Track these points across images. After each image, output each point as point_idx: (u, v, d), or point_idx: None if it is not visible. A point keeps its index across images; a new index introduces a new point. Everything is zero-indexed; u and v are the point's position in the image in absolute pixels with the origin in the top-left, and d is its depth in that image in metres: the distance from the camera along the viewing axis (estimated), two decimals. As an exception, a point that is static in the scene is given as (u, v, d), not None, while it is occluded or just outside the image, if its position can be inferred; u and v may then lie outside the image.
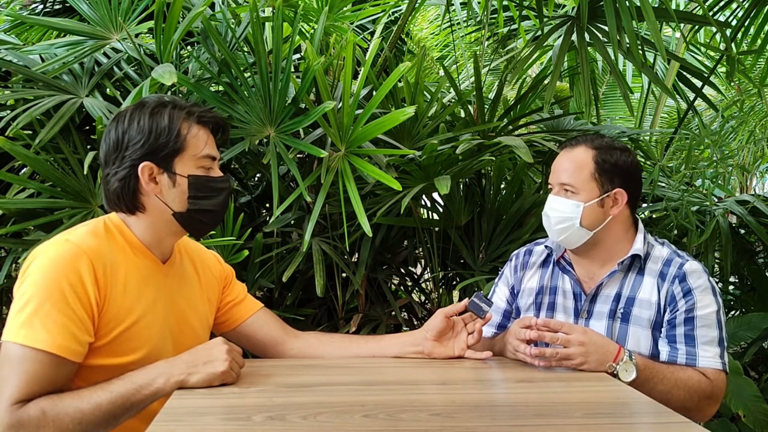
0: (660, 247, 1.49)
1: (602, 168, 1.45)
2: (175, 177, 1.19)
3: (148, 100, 1.23)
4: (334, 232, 2.41)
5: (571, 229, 1.44)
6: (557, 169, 1.49)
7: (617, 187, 1.45)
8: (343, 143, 2.08)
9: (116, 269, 1.16)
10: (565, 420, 0.97)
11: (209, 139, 1.24)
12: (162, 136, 1.18)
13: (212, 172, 1.24)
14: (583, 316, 1.48)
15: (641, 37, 2.64)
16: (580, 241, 1.46)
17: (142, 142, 1.17)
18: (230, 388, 1.11)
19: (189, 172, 1.20)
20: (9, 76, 2.29)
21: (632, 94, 4.76)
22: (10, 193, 2.07)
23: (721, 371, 1.37)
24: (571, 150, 1.48)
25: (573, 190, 1.44)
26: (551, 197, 1.48)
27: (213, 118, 1.25)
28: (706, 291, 1.40)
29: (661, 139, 3.33)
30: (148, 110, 1.20)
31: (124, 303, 1.16)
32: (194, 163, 1.21)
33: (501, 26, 3.16)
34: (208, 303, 1.38)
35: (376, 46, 2.24)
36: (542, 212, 1.51)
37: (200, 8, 2.01)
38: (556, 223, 1.45)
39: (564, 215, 1.44)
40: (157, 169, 1.19)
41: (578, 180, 1.44)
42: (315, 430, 0.91)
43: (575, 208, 1.43)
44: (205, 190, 1.22)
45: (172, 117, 1.20)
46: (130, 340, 1.16)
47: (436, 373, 1.29)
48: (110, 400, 1.06)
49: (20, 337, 1.04)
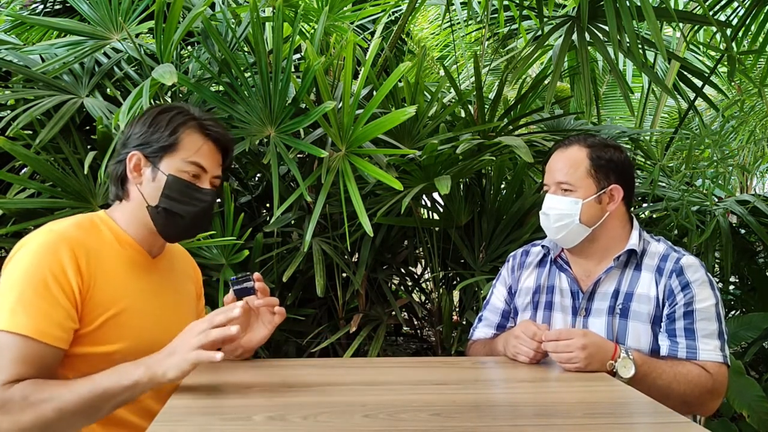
0: (656, 243, 1.50)
1: (597, 164, 1.46)
2: (157, 172, 1.23)
3: (170, 106, 1.28)
4: (334, 232, 2.41)
5: (571, 227, 1.45)
6: (552, 168, 1.50)
7: (613, 183, 1.46)
8: (344, 143, 2.08)
9: (101, 258, 1.18)
10: (565, 420, 0.97)
11: (206, 147, 1.25)
12: (158, 131, 1.23)
13: (198, 181, 1.25)
14: (582, 314, 1.48)
15: (641, 37, 2.64)
16: (578, 238, 1.47)
17: (141, 134, 1.24)
18: (231, 388, 1.11)
19: (171, 171, 1.22)
20: (9, 76, 2.29)
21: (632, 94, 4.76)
22: (10, 193, 2.07)
23: (722, 364, 1.37)
24: (565, 149, 1.50)
25: (571, 188, 1.45)
26: (549, 196, 1.49)
27: (216, 132, 1.27)
28: (704, 284, 1.40)
29: (661, 139, 3.33)
30: (159, 110, 1.25)
31: (108, 291, 1.17)
32: (180, 165, 1.23)
33: (502, 26, 3.16)
34: (196, 298, 1.44)
35: (376, 46, 2.24)
36: (540, 213, 1.51)
37: (200, 8, 2.00)
38: (555, 221, 1.46)
39: (563, 212, 1.45)
40: (144, 161, 1.23)
41: (575, 177, 1.45)
42: (315, 430, 0.91)
43: (574, 205, 1.44)
44: (181, 194, 1.23)
45: (175, 117, 1.24)
46: (116, 328, 1.17)
47: (436, 373, 1.29)
48: (91, 390, 1.05)
49: (4, 323, 1.05)
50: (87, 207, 2.01)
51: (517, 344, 1.37)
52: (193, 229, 1.29)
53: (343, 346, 2.38)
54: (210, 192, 1.26)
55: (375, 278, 2.55)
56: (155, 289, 1.27)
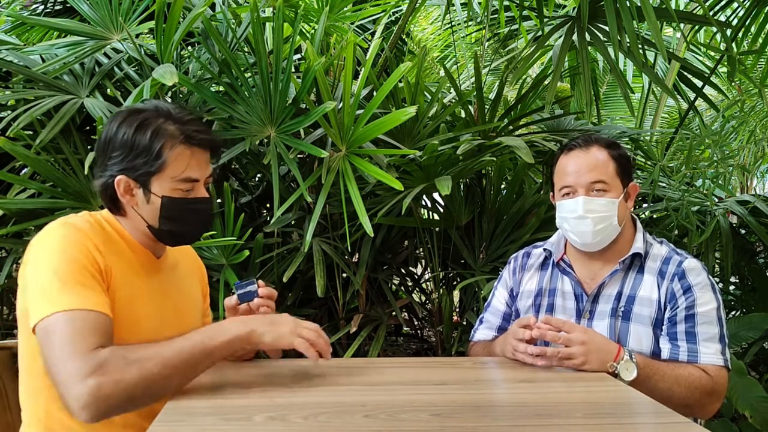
0: (658, 245, 1.49)
1: (620, 164, 1.46)
2: (149, 195, 1.18)
3: (145, 107, 1.21)
4: (334, 232, 2.41)
5: (609, 228, 1.44)
6: (580, 170, 1.44)
7: (631, 181, 1.48)
8: (344, 143, 2.08)
9: (113, 255, 1.17)
10: (566, 420, 0.97)
11: (194, 160, 1.19)
12: (141, 156, 1.15)
13: (192, 193, 1.21)
14: (586, 316, 1.48)
15: (642, 37, 2.64)
16: (611, 239, 1.46)
17: (122, 156, 1.16)
18: (231, 388, 1.11)
19: (164, 193, 1.18)
20: (10, 76, 2.30)
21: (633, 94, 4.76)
22: (10, 193, 2.07)
23: (723, 367, 1.37)
24: (587, 150, 1.46)
25: (605, 188, 1.43)
26: (585, 198, 1.42)
27: (202, 140, 1.21)
28: (706, 288, 1.40)
29: (661, 139, 3.33)
30: (137, 121, 1.17)
31: (121, 288, 1.17)
32: (172, 184, 1.18)
33: (502, 26, 3.16)
34: (201, 297, 1.43)
35: (376, 47, 2.24)
36: (570, 218, 1.44)
37: (201, 8, 2.01)
38: (596, 224, 1.42)
39: (603, 214, 1.43)
40: (133, 183, 1.18)
41: (608, 177, 1.44)
42: (315, 430, 0.91)
43: (612, 205, 1.43)
44: (180, 213, 1.20)
45: (156, 133, 1.16)
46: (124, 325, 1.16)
47: (436, 373, 1.29)
48: (192, 345, 1.06)
49: (59, 306, 1.03)
50: (87, 207, 2.01)
51: (512, 340, 1.36)
52: (199, 235, 1.30)
53: (344, 346, 2.38)
54: (207, 199, 1.24)
55: (375, 278, 2.55)
56: (161, 289, 1.26)
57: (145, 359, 1.02)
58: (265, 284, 1.33)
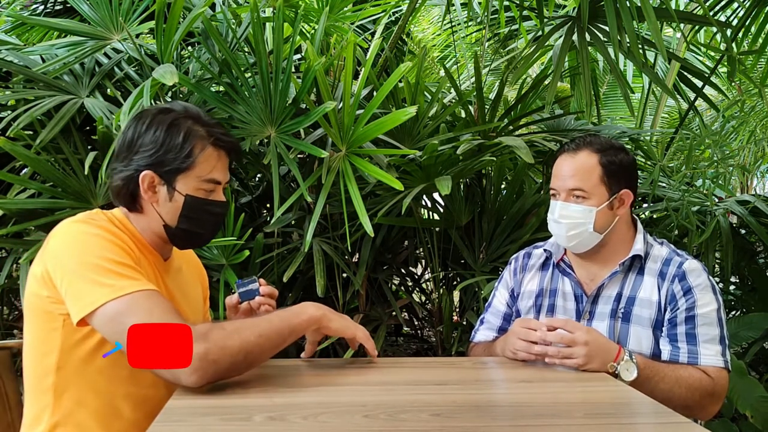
0: (659, 246, 1.49)
1: (609, 170, 1.43)
2: (173, 192, 1.20)
3: (174, 107, 1.23)
4: (334, 232, 2.41)
5: (584, 235, 1.44)
6: (562, 175, 1.46)
7: (623, 188, 1.45)
8: (344, 143, 2.08)
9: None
10: (566, 420, 0.97)
11: (220, 162, 1.23)
12: (172, 151, 1.18)
13: (213, 195, 1.24)
14: (585, 317, 1.48)
15: (642, 37, 2.64)
16: (590, 244, 1.46)
17: (152, 152, 1.18)
18: (231, 388, 1.11)
19: (188, 191, 1.20)
20: (10, 76, 2.30)
21: (633, 94, 4.76)
22: (10, 193, 2.07)
23: (723, 369, 1.37)
24: (575, 155, 1.45)
25: (584, 195, 1.43)
26: (561, 204, 1.45)
27: (230, 142, 1.25)
28: (706, 289, 1.40)
29: (661, 139, 3.33)
30: (168, 120, 1.19)
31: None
32: (197, 184, 1.21)
33: (502, 26, 3.16)
34: (203, 301, 1.43)
35: (376, 47, 2.24)
36: (550, 220, 1.48)
37: (201, 8, 2.01)
38: (568, 230, 1.44)
39: (576, 221, 1.43)
40: (158, 180, 1.19)
41: (588, 185, 1.42)
42: (315, 430, 0.91)
43: (588, 213, 1.42)
44: (199, 213, 1.22)
45: (188, 134, 1.19)
46: None
47: (436, 373, 1.29)
48: (281, 320, 1.12)
49: (112, 294, 1.02)
50: (87, 207, 2.00)
51: (513, 340, 1.36)
52: (210, 238, 1.31)
53: (343, 346, 2.38)
54: (225, 203, 1.27)
55: (375, 278, 2.55)
56: (168, 291, 1.26)
57: (242, 329, 1.06)
58: (266, 283, 1.34)
